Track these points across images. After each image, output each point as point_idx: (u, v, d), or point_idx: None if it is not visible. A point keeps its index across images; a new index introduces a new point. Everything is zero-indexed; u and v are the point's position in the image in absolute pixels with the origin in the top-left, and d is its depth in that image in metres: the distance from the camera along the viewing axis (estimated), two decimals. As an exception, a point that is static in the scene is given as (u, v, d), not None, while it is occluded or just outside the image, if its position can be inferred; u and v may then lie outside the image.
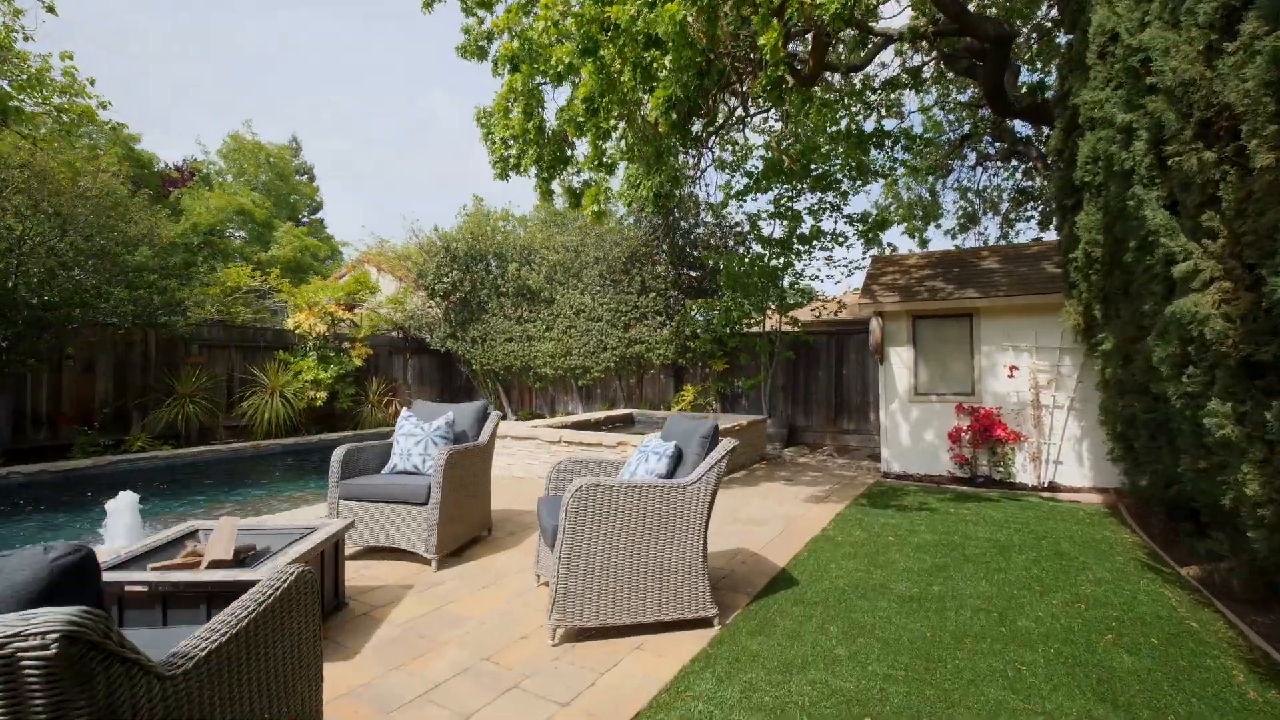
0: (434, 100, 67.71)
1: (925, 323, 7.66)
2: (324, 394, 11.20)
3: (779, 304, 9.86)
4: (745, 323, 10.48)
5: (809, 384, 10.75)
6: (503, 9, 6.56)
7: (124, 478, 7.90)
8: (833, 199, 9.53)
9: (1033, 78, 10.30)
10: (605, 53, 5.22)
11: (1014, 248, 8.59)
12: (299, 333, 11.51)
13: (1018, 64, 9.84)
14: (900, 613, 3.33)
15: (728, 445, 3.20)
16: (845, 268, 10.35)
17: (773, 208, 9.70)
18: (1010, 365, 7.09)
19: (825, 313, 10.86)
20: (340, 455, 4.17)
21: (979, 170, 13.76)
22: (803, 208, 9.59)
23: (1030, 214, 13.48)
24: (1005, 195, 13.91)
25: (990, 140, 12.68)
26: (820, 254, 10.05)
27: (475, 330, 13.42)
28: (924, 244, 14.04)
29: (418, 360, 14.39)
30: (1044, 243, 8.73)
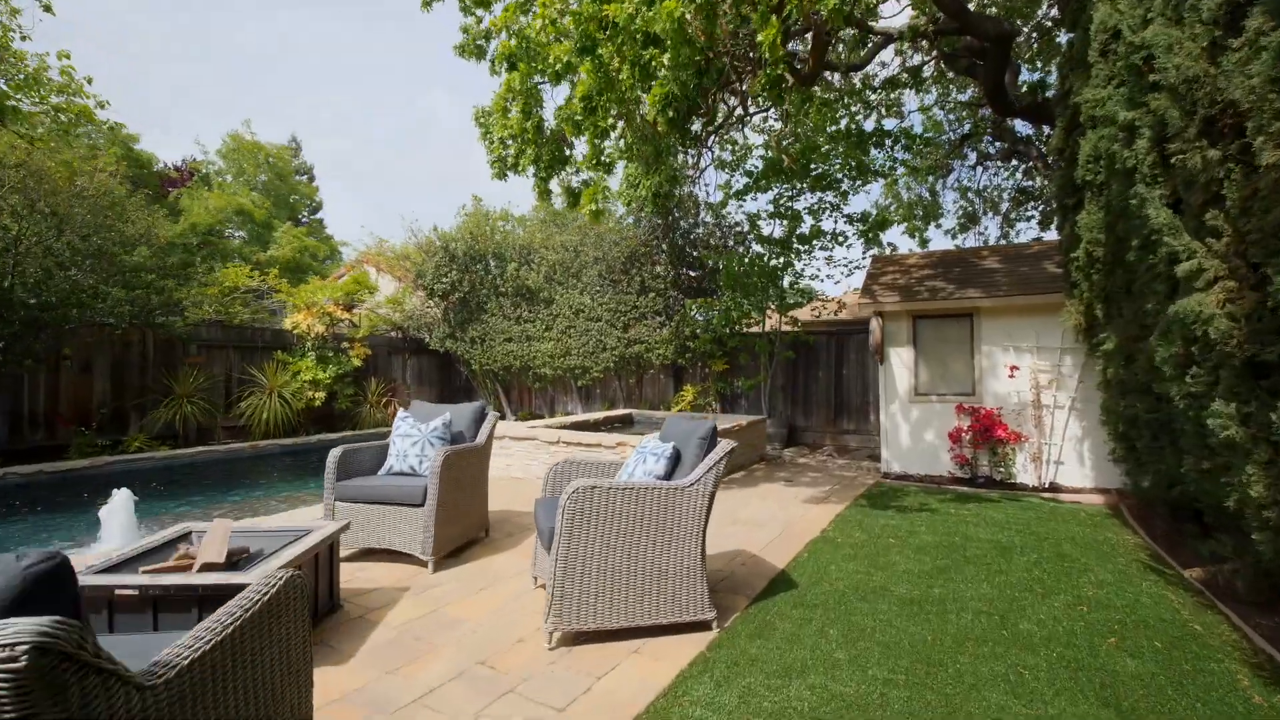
0: (434, 100, 67.77)
1: (925, 323, 7.63)
2: (322, 394, 11.16)
3: (779, 304, 9.82)
4: (745, 323, 10.44)
5: (809, 384, 10.71)
6: (500, 8, 6.53)
7: (121, 478, 7.83)
8: (832, 199, 9.49)
9: (1033, 77, 10.26)
10: (603, 51, 5.18)
11: (1015, 247, 8.55)
12: (297, 333, 11.47)
13: (1018, 63, 9.80)
14: (901, 615, 3.29)
15: (726, 446, 3.17)
16: (845, 267, 10.33)
17: (772, 207, 9.66)
18: (1011, 365, 7.06)
19: (825, 313, 10.83)
20: (336, 456, 4.14)
21: (979, 170, 13.73)
22: (802, 207, 9.56)
23: (1031, 214, 13.45)
24: (1005, 195, 13.87)
25: (990, 140, 12.64)
26: (820, 254, 10.02)
27: (474, 330, 13.38)
28: (924, 244, 13.99)
29: (417, 360, 14.36)
30: (1045, 242, 8.69)
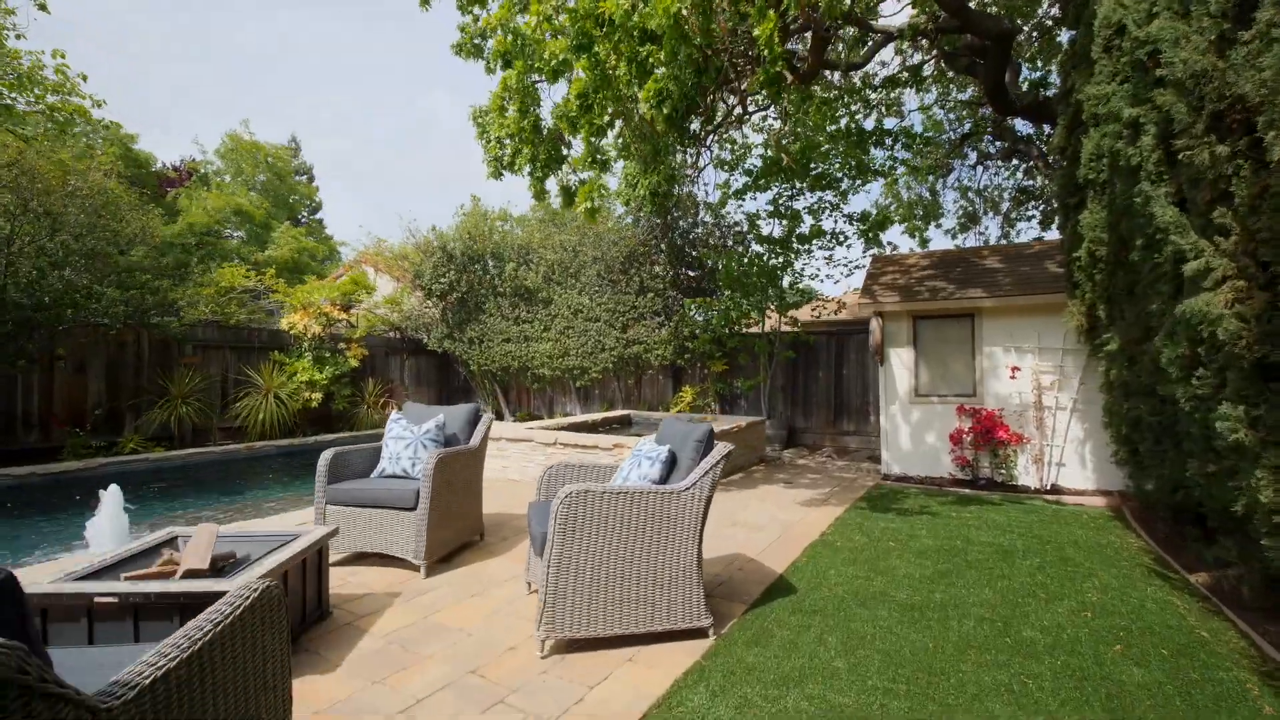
0: (434, 100, 67.81)
1: (926, 323, 7.56)
2: (319, 395, 11.10)
3: (778, 304, 9.76)
4: (744, 323, 10.38)
5: (808, 385, 10.64)
6: (497, 5, 6.47)
7: (115, 480, 7.74)
8: (832, 198, 9.43)
9: (1034, 75, 10.19)
10: (600, 48, 5.12)
11: (1016, 247, 8.48)
12: (294, 333, 11.40)
13: (1019, 62, 9.73)
14: (901, 622, 3.23)
15: (723, 450, 3.10)
16: (845, 267, 10.26)
17: (772, 207, 9.60)
18: (1012, 366, 6.99)
19: (825, 313, 10.76)
20: (327, 459, 4.07)
21: (980, 169, 13.66)
22: (802, 207, 9.50)
23: (1031, 213, 13.38)
24: (1006, 194, 13.80)
25: (991, 139, 12.57)
26: (820, 253, 9.95)
27: (472, 331, 13.32)
28: (924, 244, 13.92)
29: (415, 361, 14.29)
30: (1046, 242, 8.62)
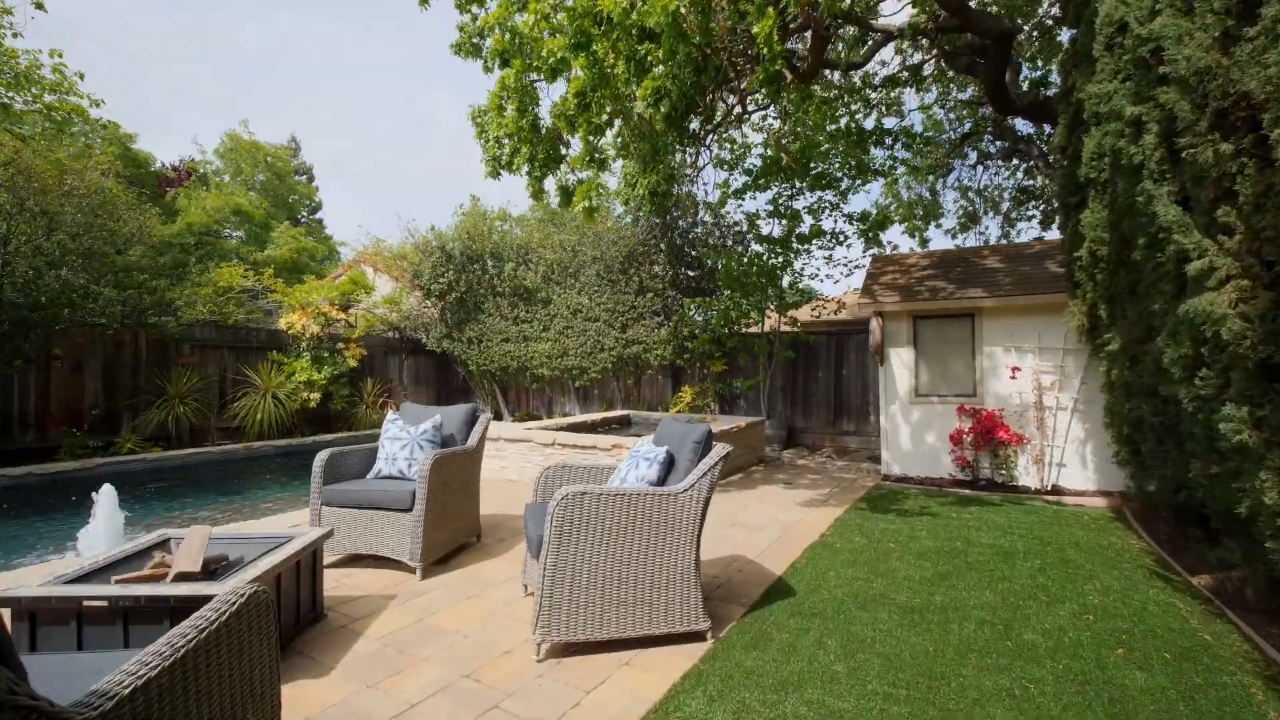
0: (434, 100, 67.82)
1: (926, 323, 7.53)
2: (317, 395, 11.06)
3: (778, 303, 9.73)
4: (744, 323, 10.34)
5: (808, 385, 10.61)
6: (495, 4, 6.43)
7: (112, 480, 7.70)
8: (832, 198, 9.40)
9: (1034, 75, 10.16)
10: (598, 47, 5.08)
11: (1016, 247, 8.45)
12: (292, 333, 11.37)
13: (1019, 61, 9.70)
14: (901, 625, 3.20)
15: (721, 451, 3.07)
16: (845, 267, 10.22)
17: (771, 207, 9.57)
18: (1013, 366, 6.96)
19: (825, 313, 10.73)
20: (323, 460, 4.04)
21: (980, 169, 13.63)
22: (802, 206, 9.46)
23: (1032, 213, 13.35)
24: (1006, 194, 13.78)
25: (991, 139, 12.54)
26: (820, 253, 9.92)
27: (471, 330, 13.28)
28: (924, 243, 13.90)
29: (414, 361, 14.25)
30: (1047, 241, 8.59)
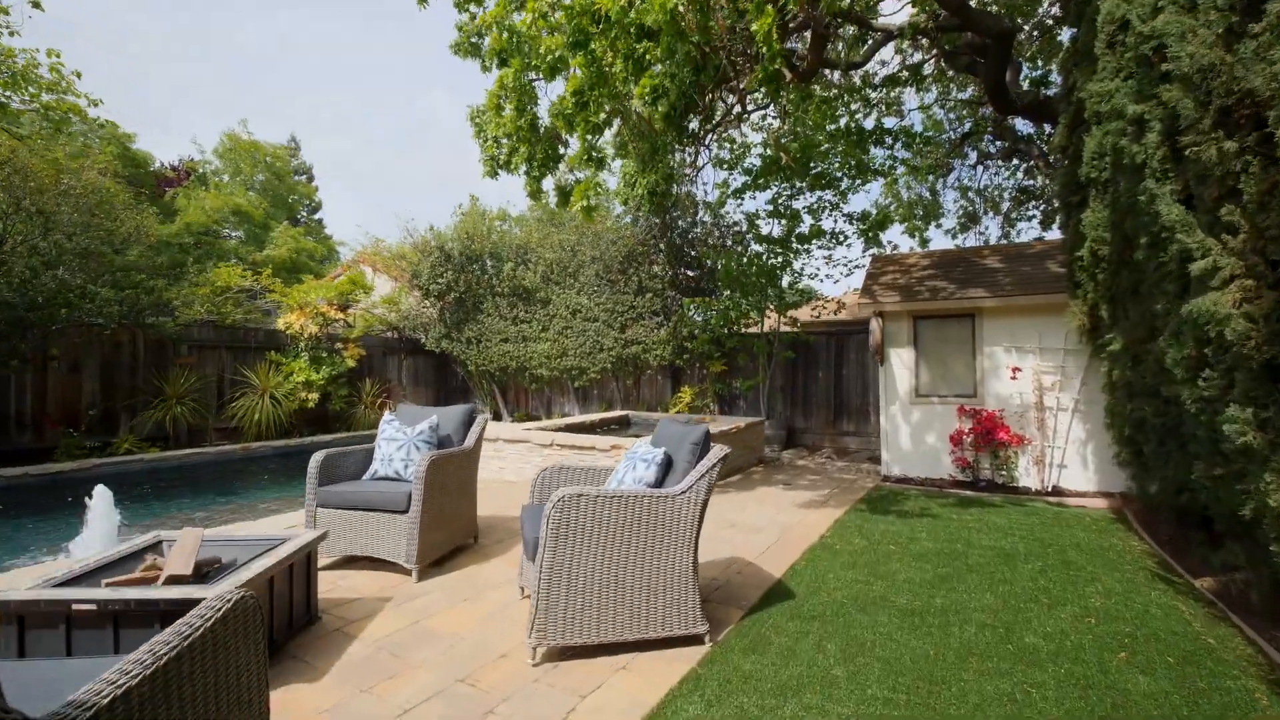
0: (434, 100, 67.81)
1: (926, 323, 7.50)
2: (315, 395, 11.03)
3: (778, 303, 9.69)
4: (744, 323, 10.31)
5: (808, 385, 10.58)
6: (493, 3, 6.40)
7: (109, 481, 7.68)
8: (832, 197, 9.37)
9: (1035, 74, 10.13)
10: (596, 45, 5.05)
11: (1017, 246, 8.42)
12: (290, 333, 11.33)
13: (1019, 61, 9.67)
14: (901, 628, 3.16)
15: (719, 453, 3.04)
16: (845, 267, 10.19)
17: (771, 206, 9.53)
18: (1013, 366, 6.93)
19: (825, 313, 10.70)
20: (318, 461, 4.00)
21: (980, 169, 13.60)
22: (802, 206, 9.43)
23: (1032, 213, 13.32)
24: (1006, 194, 13.74)
25: (991, 138, 12.51)
26: (819, 253, 9.89)
27: (470, 331, 13.25)
28: (924, 244, 13.86)
29: (413, 361, 14.22)
30: (1048, 241, 8.56)
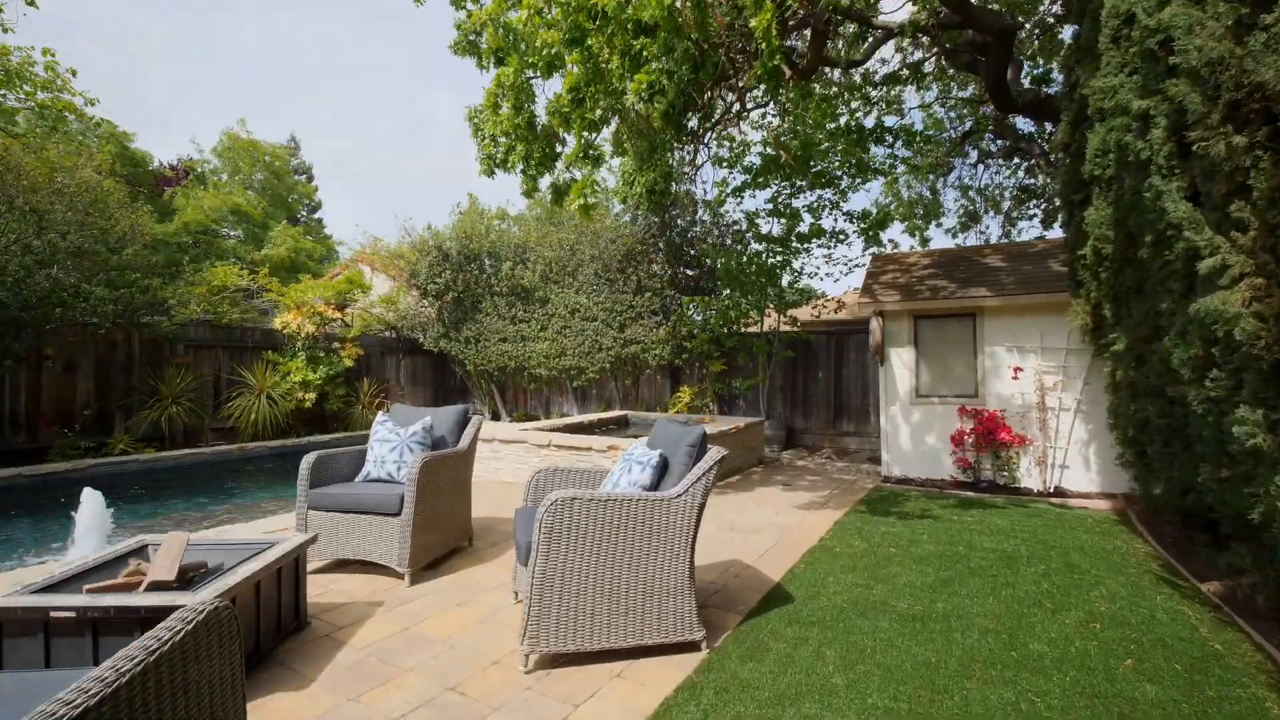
0: (434, 100, 67.78)
1: (927, 322, 7.43)
2: (313, 395, 10.97)
3: (777, 303, 9.63)
4: (743, 322, 10.24)
5: (808, 385, 10.52)
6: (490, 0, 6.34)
7: (103, 482, 7.65)
8: (832, 196, 9.30)
9: (1036, 72, 10.06)
10: (592, 42, 4.99)
11: (1018, 245, 8.36)
12: (287, 333, 11.27)
13: (1020, 59, 9.60)
14: (902, 634, 3.10)
15: (717, 455, 2.97)
16: (845, 265, 10.12)
17: (771, 205, 9.47)
18: (1015, 366, 6.86)
19: (825, 312, 10.63)
20: (309, 463, 3.94)
21: (980, 168, 13.53)
22: (802, 205, 9.36)
23: (1033, 212, 13.25)
24: (1007, 193, 13.67)
25: (992, 137, 12.45)
26: (819, 252, 9.83)
27: (469, 330, 13.19)
28: (925, 243, 13.80)
29: (411, 360, 14.16)
30: (1050, 240, 8.49)
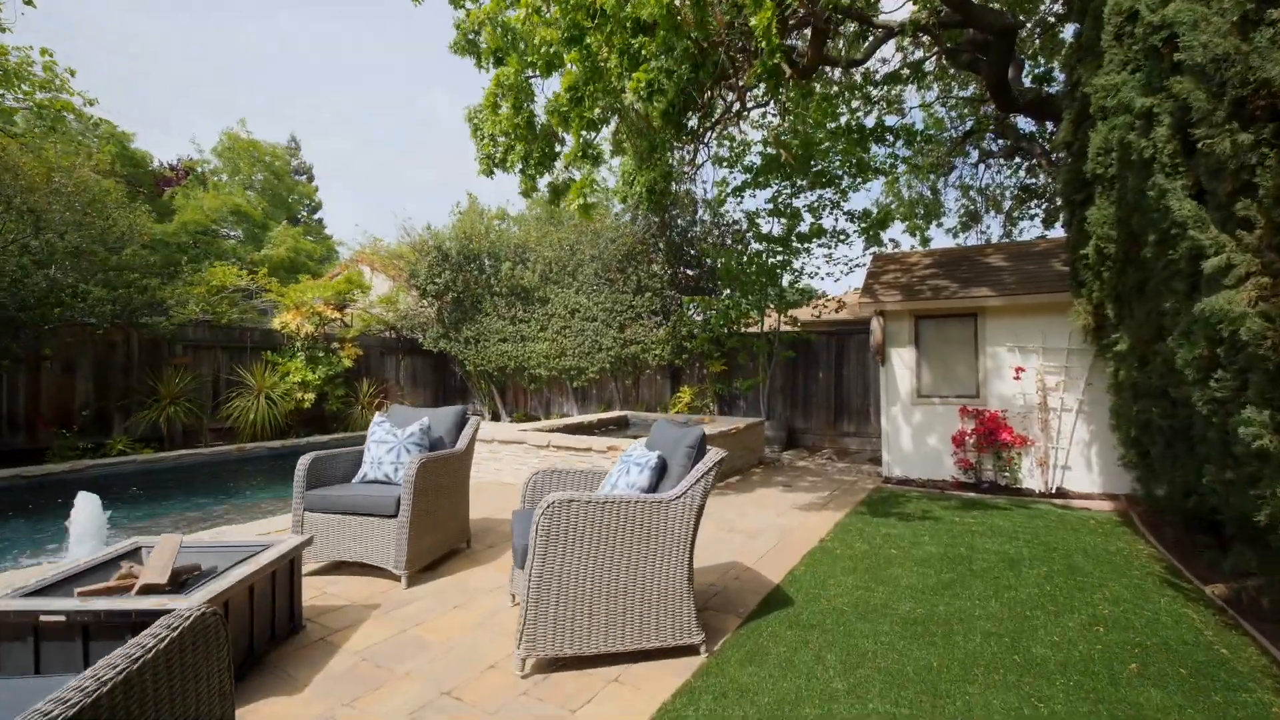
0: (434, 100, 67.81)
1: (928, 322, 7.40)
2: (312, 395, 10.94)
3: (778, 303, 9.59)
4: (744, 322, 10.21)
5: (808, 385, 10.48)
6: (488, -1, 6.32)
7: (101, 482, 7.64)
8: (832, 196, 9.27)
9: (1038, 71, 10.03)
10: (591, 40, 4.96)
11: (1020, 245, 8.32)
12: (286, 333, 11.24)
13: (1021, 58, 9.56)
14: (904, 637, 3.07)
15: (716, 456, 2.94)
16: (845, 265, 10.09)
17: (771, 205, 9.43)
18: (1017, 366, 6.83)
19: (825, 312, 10.59)
20: (305, 464, 3.91)
21: (981, 167, 13.48)
22: (802, 205, 9.33)
23: (1034, 212, 13.20)
24: (1008, 193, 13.62)
25: (993, 137, 12.40)
26: (820, 251, 9.79)
27: (469, 330, 13.16)
28: (925, 242, 13.76)
29: (410, 361, 14.13)
30: (1052, 239, 8.45)
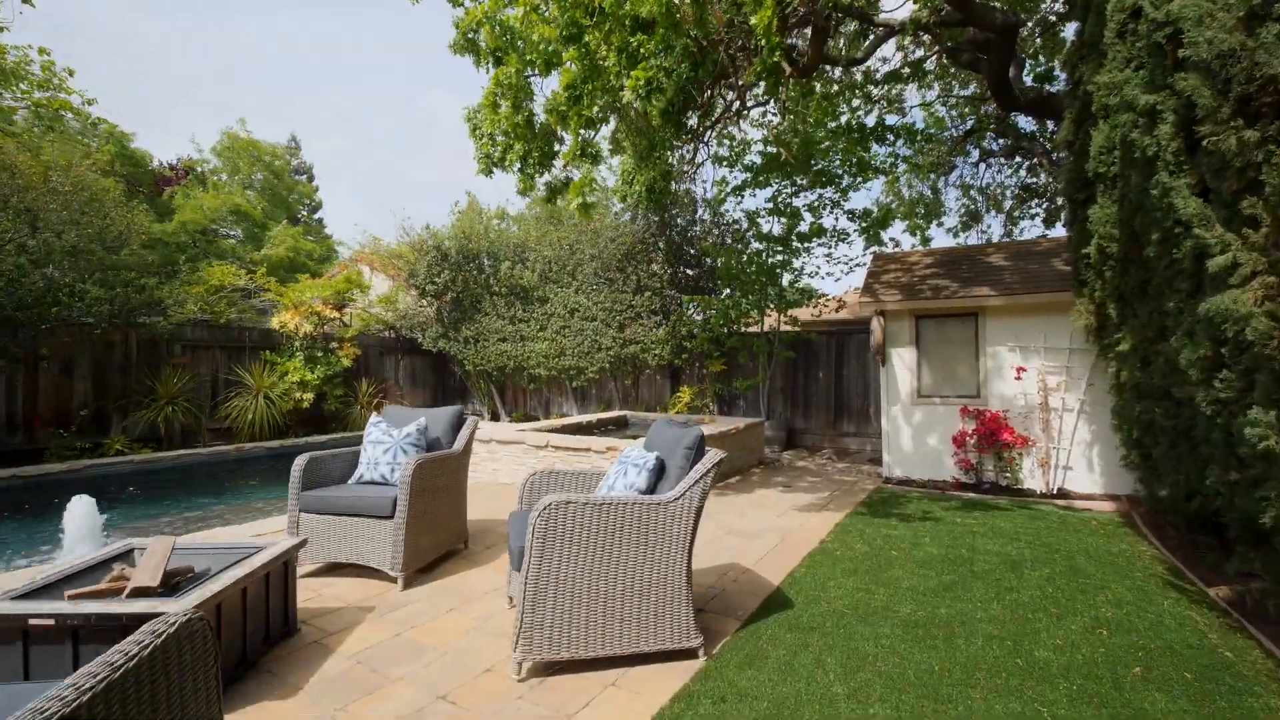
0: (434, 100, 67.72)
1: (929, 322, 7.36)
2: (310, 395, 10.91)
3: (778, 302, 9.56)
4: (744, 322, 10.18)
5: (808, 385, 10.45)
6: (487, -2, 6.28)
7: (99, 483, 7.62)
8: (833, 195, 9.23)
9: (1039, 69, 9.99)
10: (590, 38, 4.93)
11: (1022, 244, 8.28)
12: (285, 332, 11.21)
13: (1022, 57, 9.52)
14: (905, 640, 3.03)
15: (714, 457, 2.91)
16: (846, 265, 10.05)
17: (771, 204, 9.40)
18: (1018, 366, 6.79)
19: (825, 312, 10.55)
20: (301, 465, 3.88)
21: (982, 167, 13.44)
22: (802, 204, 9.30)
23: (1035, 211, 13.16)
24: (1009, 192, 13.59)
25: (994, 136, 12.36)
26: (820, 251, 9.75)
27: (468, 330, 13.13)
28: (926, 242, 13.72)
29: (410, 360, 14.10)
30: (1053, 239, 8.41)
